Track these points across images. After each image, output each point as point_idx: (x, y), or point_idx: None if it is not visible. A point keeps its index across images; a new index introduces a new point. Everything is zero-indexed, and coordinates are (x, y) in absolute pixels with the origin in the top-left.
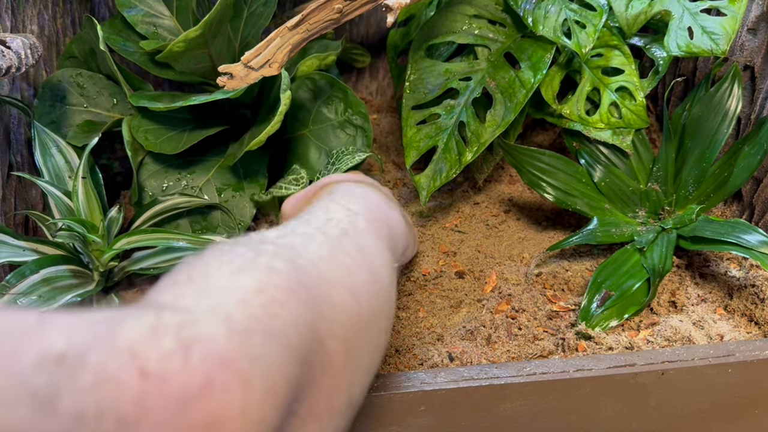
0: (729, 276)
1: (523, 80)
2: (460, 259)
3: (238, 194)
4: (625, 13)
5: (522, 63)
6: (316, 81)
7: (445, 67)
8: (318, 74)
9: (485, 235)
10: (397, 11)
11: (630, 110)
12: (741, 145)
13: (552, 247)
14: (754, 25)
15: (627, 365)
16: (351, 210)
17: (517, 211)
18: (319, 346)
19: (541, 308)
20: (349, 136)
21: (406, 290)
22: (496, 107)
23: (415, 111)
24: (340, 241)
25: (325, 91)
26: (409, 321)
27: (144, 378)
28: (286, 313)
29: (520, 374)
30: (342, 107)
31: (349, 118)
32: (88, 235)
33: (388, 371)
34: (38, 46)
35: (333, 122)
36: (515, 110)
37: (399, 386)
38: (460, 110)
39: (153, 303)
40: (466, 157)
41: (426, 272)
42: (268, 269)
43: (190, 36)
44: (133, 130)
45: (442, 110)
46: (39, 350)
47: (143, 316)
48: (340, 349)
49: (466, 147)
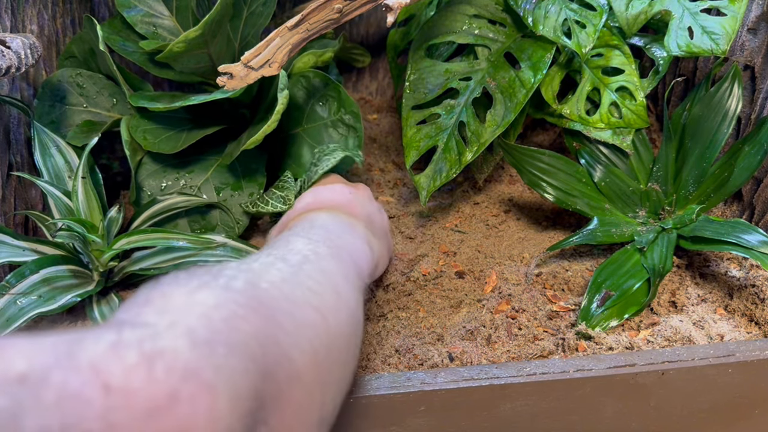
0: (729, 276)
1: (523, 80)
2: (460, 259)
3: (236, 193)
4: (625, 13)
5: (522, 63)
6: (311, 79)
7: (445, 67)
8: (312, 72)
9: (485, 235)
10: (397, 11)
11: (630, 110)
12: (741, 145)
13: (552, 247)
14: (755, 25)
15: (627, 365)
16: (311, 239)
17: (517, 211)
18: (285, 359)
19: (541, 308)
20: (341, 135)
21: (406, 290)
22: (496, 107)
23: (415, 111)
24: (302, 267)
25: (319, 90)
26: (409, 321)
27: (108, 393)
28: (247, 326)
29: (520, 374)
30: (335, 106)
31: (342, 118)
32: (88, 235)
33: (388, 371)
34: (38, 45)
35: (326, 121)
36: (515, 110)
37: (399, 386)
38: (460, 110)
39: (112, 322)
40: (466, 157)
41: (426, 272)
42: (225, 288)
43: (190, 36)
44: (131, 130)
45: (442, 110)
46: (0, 375)
47: (103, 335)
48: (309, 363)
49: (466, 147)
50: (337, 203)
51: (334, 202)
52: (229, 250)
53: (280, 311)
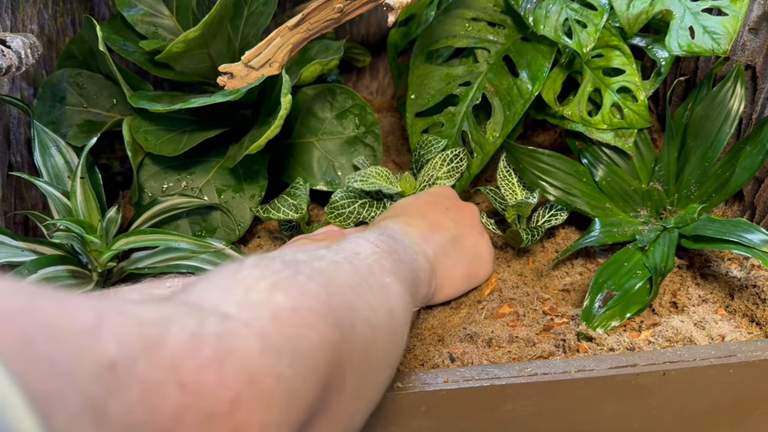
0: (730, 276)
1: (522, 90)
2: None
3: (238, 195)
4: (626, 13)
5: (521, 71)
6: (335, 92)
7: (446, 71)
8: (337, 87)
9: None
10: (398, 11)
11: (632, 110)
12: (743, 145)
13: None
14: (756, 25)
15: (628, 366)
16: (379, 248)
17: None
18: (339, 372)
19: (541, 309)
20: (358, 153)
21: None
22: (496, 115)
23: (418, 118)
24: (365, 277)
25: (342, 105)
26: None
27: (182, 391)
28: (316, 335)
29: (521, 375)
30: (356, 122)
31: (360, 136)
32: (86, 235)
33: None
34: (38, 45)
35: (343, 136)
36: (513, 120)
37: (399, 386)
38: (461, 119)
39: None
40: (473, 169)
41: None
42: (301, 291)
43: (190, 36)
44: (133, 131)
45: (444, 119)
46: (95, 360)
47: (187, 322)
48: (353, 377)
49: (472, 158)
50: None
51: (420, 212)
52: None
53: (344, 321)
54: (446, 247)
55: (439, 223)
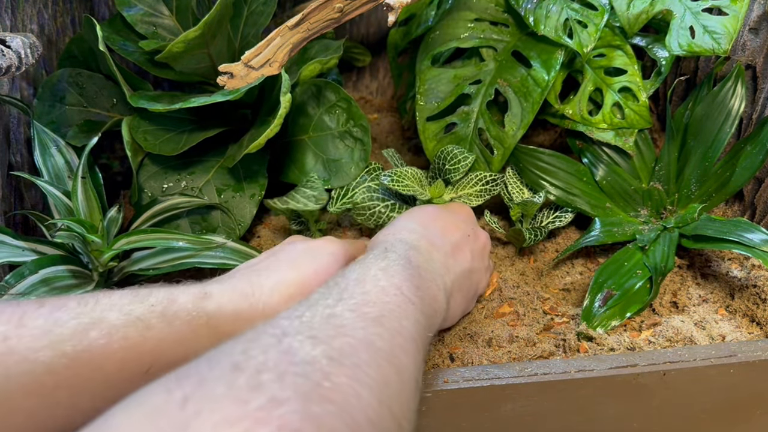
0: (730, 276)
1: (537, 79)
2: None
3: (238, 195)
4: (627, 13)
5: (533, 61)
6: (321, 88)
7: (453, 73)
8: (323, 82)
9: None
10: (398, 10)
11: (633, 110)
12: (743, 145)
13: (560, 254)
14: (756, 25)
15: (629, 366)
16: (405, 279)
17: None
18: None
19: (541, 309)
20: (347, 147)
21: None
22: (513, 109)
23: (430, 122)
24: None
25: (329, 100)
26: None
27: None
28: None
29: (522, 375)
30: (344, 117)
31: (350, 130)
32: (87, 235)
33: None
34: (38, 45)
35: (333, 131)
36: (533, 110)
37: None
38: (476, 116)
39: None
40: (495, 165)
41: None
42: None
43: (190, 36)
44: (132, 131)
45: (458, 119)
46: None
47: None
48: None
49: (493, 155)
50: (448, 236)
51: (446, 232)
52: (228, 251)
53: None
54: (461, 280)
55: (461, 249)
